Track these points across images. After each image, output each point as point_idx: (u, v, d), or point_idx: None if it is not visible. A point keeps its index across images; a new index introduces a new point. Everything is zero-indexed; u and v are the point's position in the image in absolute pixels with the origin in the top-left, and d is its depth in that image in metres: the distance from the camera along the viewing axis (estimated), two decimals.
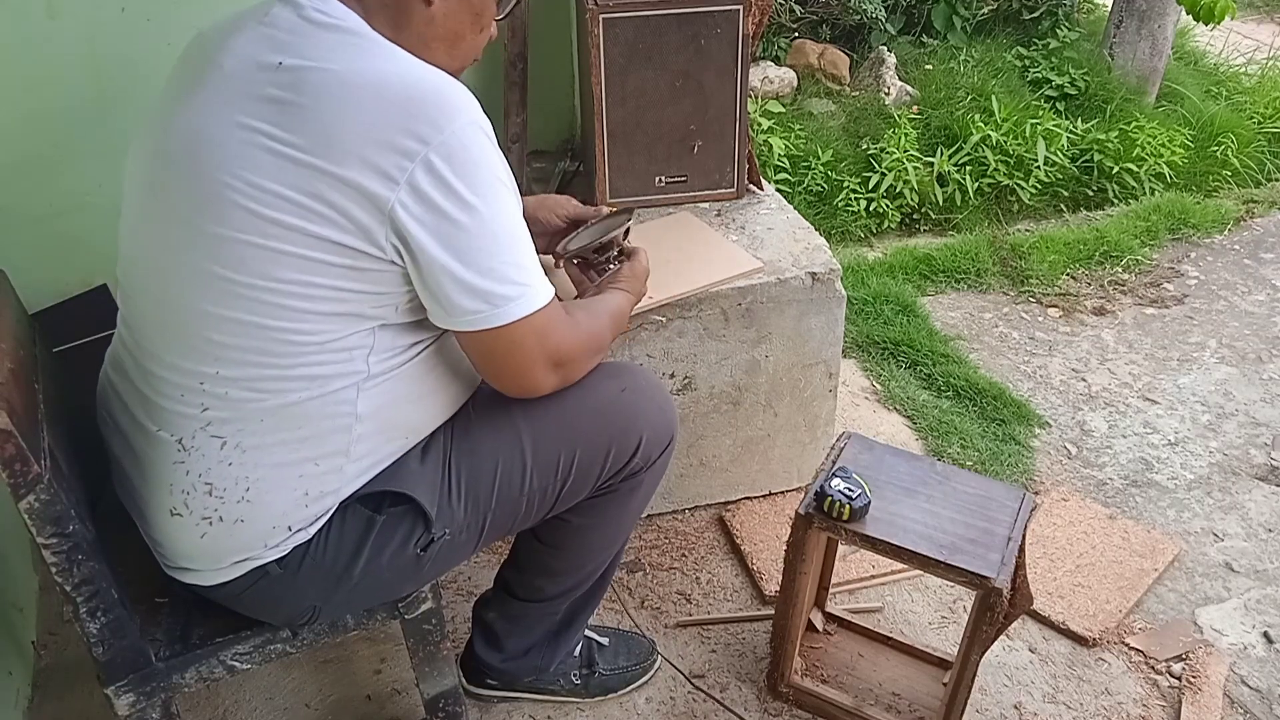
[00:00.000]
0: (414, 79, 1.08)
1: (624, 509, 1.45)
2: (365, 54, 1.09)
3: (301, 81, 1.06)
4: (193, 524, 1.15)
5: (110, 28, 1.77)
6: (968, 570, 1.38)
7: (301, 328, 1.10)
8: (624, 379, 1.39)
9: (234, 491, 1.14)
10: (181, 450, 1.14)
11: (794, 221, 2.03)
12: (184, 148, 1.10)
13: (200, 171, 1.08)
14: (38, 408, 1.13)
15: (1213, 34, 4.31)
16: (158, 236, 1.14)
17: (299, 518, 1.18)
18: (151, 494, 1.17)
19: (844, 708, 1.62)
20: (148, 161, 1.16)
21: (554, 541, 1.46)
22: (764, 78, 3.82)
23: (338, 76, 1.06)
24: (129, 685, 1.21)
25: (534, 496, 1.32)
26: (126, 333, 1.22)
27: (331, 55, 1.08)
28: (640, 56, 1.89)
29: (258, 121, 1.06)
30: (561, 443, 1.31)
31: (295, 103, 1.05)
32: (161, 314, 1.14)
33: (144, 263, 1.17)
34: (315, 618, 1.27)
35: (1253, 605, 1.91)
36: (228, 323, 1.09)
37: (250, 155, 1.06)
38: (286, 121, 1.05)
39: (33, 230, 1.83)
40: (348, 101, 1.05)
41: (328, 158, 1.04)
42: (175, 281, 1.12)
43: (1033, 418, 2.41)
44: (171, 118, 1.14)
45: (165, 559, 1.22)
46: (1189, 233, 3.30)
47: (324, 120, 1.05)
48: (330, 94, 1.05)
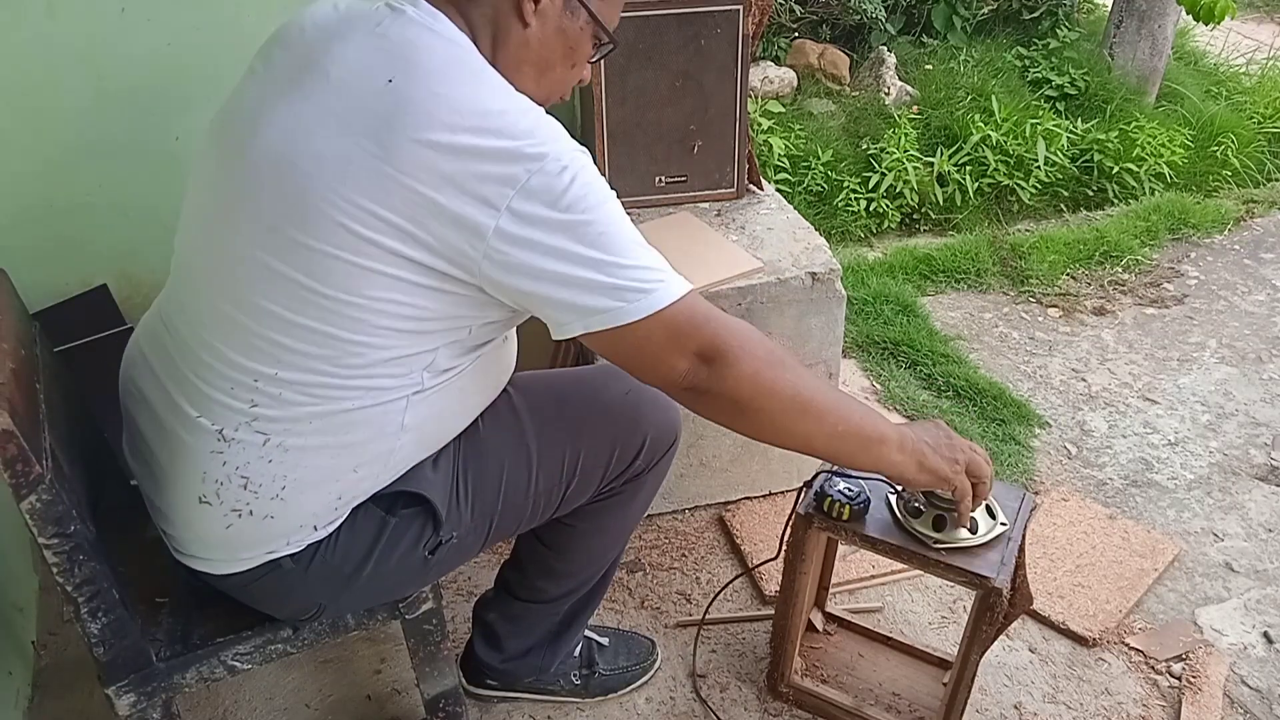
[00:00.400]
0: (515, 109, 1.06)
1: (627, 511, 1.45)
2: (471, 79, 1.07)
3: (408, 106, 1.03)
4: (220, 514, 1.14)
5: (110, 28, 1.77)
6: (968, 570, 1.38)
7: (373, 341, 1.08)
8: (628, 380, 1.38)
9: (269, 488, 1.13)
10: (221, 440, 1.12)
11: (794, 221, 2.03)
12: (280, 153, 1.07)
13: (297, 181, 1.05)
14: (39, 408, 1.13)
15: (1213, 34, 4.31)
16: (235, 233, 1.10)
17: (326, 519, 1.18)
18: (179, 477, 1.15)
19: (844, 708, 1.62)
20: (232, 156, 1.12)
21: (556, 543, 1.46)
22: (764, 78, 3.82)
23: (445, 101, 1.03)
24: (130, 685, 1.21)
25: (539, 498, 1.32)
26: (177, 314, 1.18)
27: (439, 77, 1.05)
28: (640, 56, 1.89)
29: (363, 139, 1.03)
30: (567, 445, 1.32)
31: (400, 125, 1.03)
32: (227, 308, 1.11)
33: (214, 256, 1.13)
34: (319, 614, 1.27)
35: (1253, 605, 1.91)
36: (299, 328, 1.07)
37: (351, 173, 1.03)
38: (390, 141, 1.02)
39: (33, 230, 1.83)
40: (451, 128, 1.02)
41: (426, 184, 1.02)
42: (249, 281, 1.09)
43: (1033, 418, 2.41)
44: (266, 116, 1.10)
45: (177, 545, 1.21)
46: (1189, 233, 3.30)
47: (426, 145, 1.02)
48: (435, 119, 1.03)
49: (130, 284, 1.93)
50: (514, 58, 1.14)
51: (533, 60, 1.16)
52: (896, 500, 1.46)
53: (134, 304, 1.91)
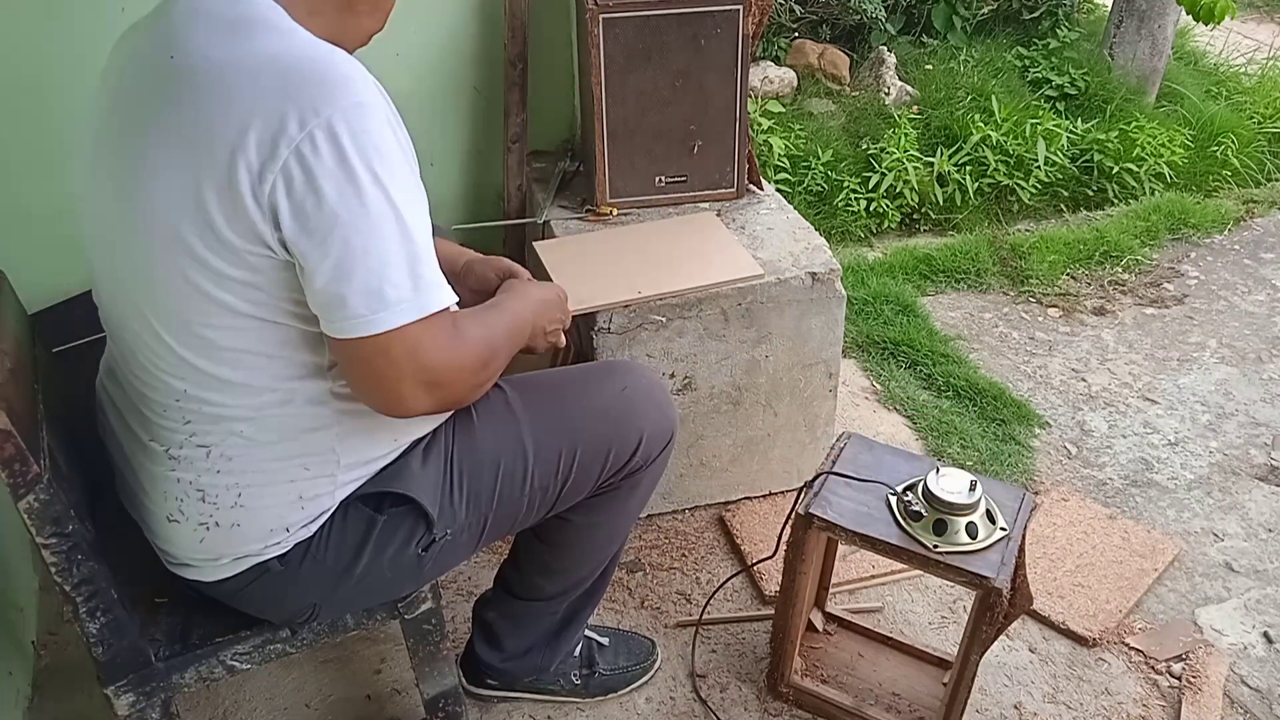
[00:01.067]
0: (296, 58, 1.00)
1: (624, 507, 1.45)
2: (250, 36, 1.01)
3: (185, 74, 1.01)
4: (190, 529, 1.16)
5: (110, 28, 1.75)
6: (968, 570, 1.38)
7: (238, 342, 1.07)
8: (624, 378, 1.40)
9: (226, 497, 1.14)
10: (171, 459, 1.14)
11: (794, 221, 2.02)
12: (105, 162, 1.09)
13: (118, 184, 1.06)
14: (37, 408, 1.13)
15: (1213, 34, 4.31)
16: (112, 266, 1.13)
17: (296, 519, 1.18)
18: (149, 500, 1.18)
19: (844, 708, 1.62)
20: (86, 178, 1.14)
21: (554, 540, 1.46)
22: (764, 78, 3.82)
23: (217, 64, 1.00)
24: (129, 685, 1.21)
25: (535, 496, 1.32)
26: (114, 350, 1.22)
27: (215, 42, 1.01)
28: (640, 56, 1.89)
29: (155, 129, 1.02)
30: (562, 442, 1.31)
31: (182, 99, 1.01)
32: (133, 341, 1.13)
33: (109, 293, 1.17)
34: (315, 616, 1.27)
35: (1253, 605, 1.91)
36: (171, 350, 1.08)
37: (150, 164, 1.02)
38: (175, 120, 1.00)
39: (33, 230, 1.83)
40: (225, 88, 0.99)
41: (210, 150, 0.98)
42: (136, 312, 1.10)
43: (1033, 418, 2.41)
44: (97, 129, 1.12)
45: (169, 558, 1.23)
46: (1189, 233, 3.30)
47: (206, 110, 0.99)
48: (209, 84, 0.99)
49: None
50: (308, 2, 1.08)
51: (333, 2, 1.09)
52: (897, 503, 1.46)
53: None
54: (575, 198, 2.11)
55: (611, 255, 1.89)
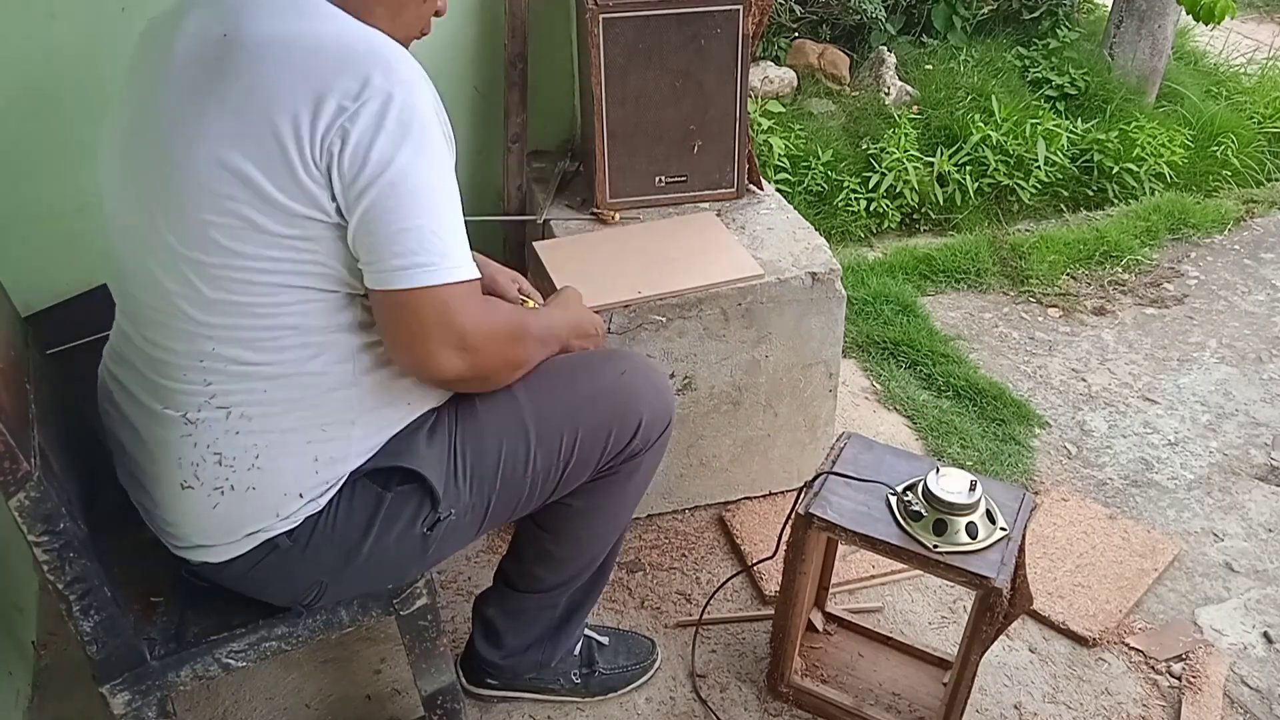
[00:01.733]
0: (351, 36, 1.09)
1: (624, 492, 1.46)
2: (303, 16, 1.10)
3: (240, 49, 1.08)
4: (204, 495, 1.16)
5: (110, 28, 1.77)
6: (968, 570, 1.38)
7: (277, 300, 1.11)
8: (623, 362, 1.42)
9: (244, 459, 1.15)
10: (188, 424, 1.15)
11: (794, 221, 2.02)
12: (150, 138, 1.13)
13: (165, 156, 1.10)
14: (28, 407, 1.13)
15: (1213, 34, 4.31)
16: (138, 227, 1.15)
17: (310, 485, 1.19)
18: (161, 472, 1.18)
19: (844, 708, 1.62)
20: (120, 159, 1.18)
21: (554, 527, 1.46)
22: (764, 78, 3.82)
23: (275, 39, 1.07)
24: (124, 684, 1.21)
25: (537, 478, 1.33)
26: (126, 323, 1.23)
27: (269, 20, 1.09)
28: (640, 56, 1.89)
29: (207, 98, 1.08)
30: (564, 424, 1.33)
31: (234, 70, 1.07)
32: (152, 300, 1.16)
33: (129, 254, 1.19)
34: (321, 596, 1.27)
35: (1253, 605, 1.90)
36: (211, 303, 1.11)
37: (202, 131, 1.07)
38: (229, 90, 1.07)
39: (32, 230, 1.83)
40: (283, 60, 1.06)
41: (267, 120, 1.05)
42: (157, 269, 1.14)
43: (1033, 418, 2.40)
44: (134, 113, 1.16)
45: (175, 540, 1.23)
46: (1189, 233, 3.30)
47: (260, 81, 1.06)
48: (266, 56, 1.07)
49: None
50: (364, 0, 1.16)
51: (385, 2, 1.17)
52: (897, 503, 1.46)
53: None
54: (575, 198, 2.11)
55: (611, 255, 1.89)
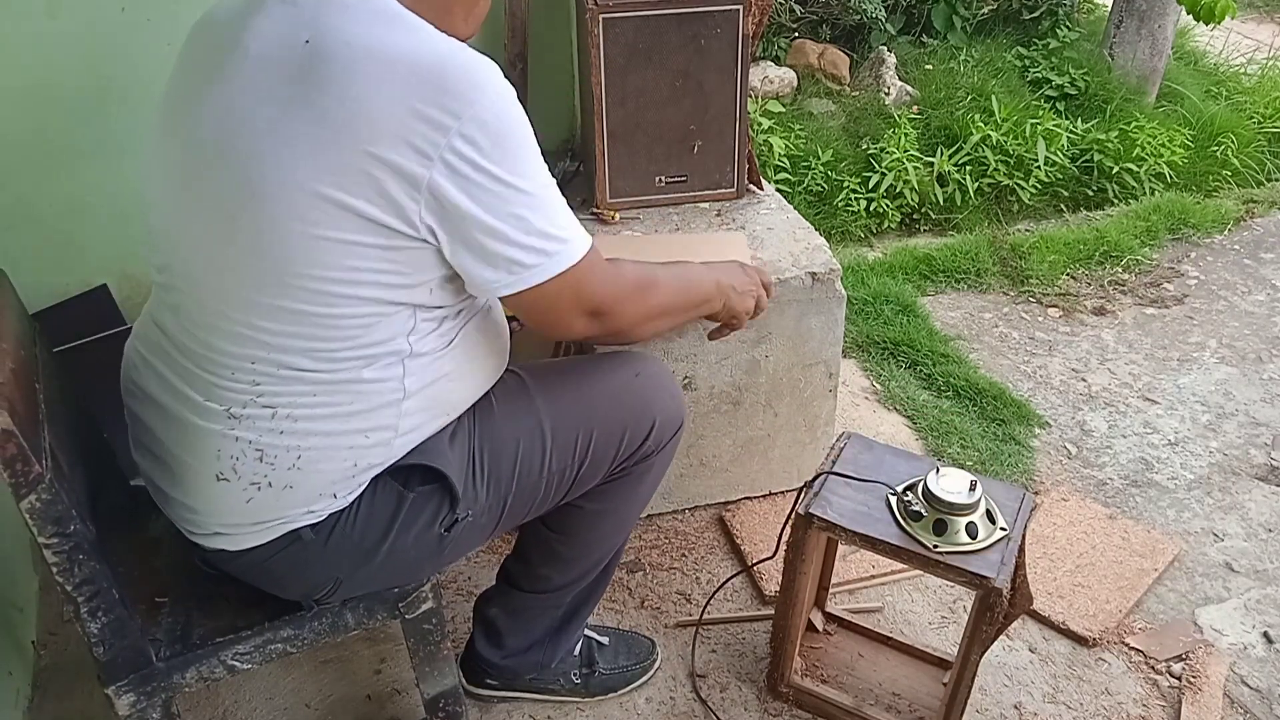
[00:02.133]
0: (442, 52, 1.08)
1: (634, 494, 1.46)
2: (389, 27, 1.08)
3: (330, 59, 1.05)
4: (240, 489, 1.16)
5: (110, 28, 1.77)
6: (968, 570, 1.38)
7: (345, 312, 1.11)
8: (637, 365, 1.43)
9: (285, 459, 1.15)
10: (231, 419, 1.14)
11: (794, 221, 2.03)
12: (219, 136, 1.10)
13: (238, 160, 1.08)
14: (39, 408, 1.13)
15: (1213, 34, 4.31)
16: (202, 227, 1.13)
17: (344, 487, 1.19)
18: (195, 460, 1.17)
19: (844, 708, 1.62)
20: (179, 151, 1.15)
21: (563, 528, 1.47)
22: (764, 78, 3.82)
23: (366, 52, 1.05)
24: (130, 685, 1.21)
25: (552, 479, 1.34)
26: (167, 316, 1.20)
27: (355, 30, 1.07)
28: (640, 56, 1.89)
29: (290, 103, 1.06)
30: (580, 425, 1.33)
31: (325, 81, 1.05)
32: (209, 301, 1.14)
33: (188, 252, 1.16)
34: (334, 591, 1.27)
35: (1253, 605, 1.91)
36: (275, 310, 1.10)
37: (284, 138, 1.05)
38: (318, 100, 1.05)
39: (33, 230, 1.83)
40: (378, 77, 1.04)
41: (361, 135, 1.04)
42: (221, 271, 1.12)
43: (1033, 418, 2.41)
44: (200, 105, 1.12)
45: (194, 526, 1.22)
46: (1189, 233, 3.30)
47: (356, 97, 1.04)
48: (360, 70, 1.05)
49: (130, 284, 1.93)
50: (444, 1, 1.16)
51: (464, 2, 1.18)
52: (897, 503, 1.46)
53: (134, 304, 1.91)
54: (575, 198, 2.11)
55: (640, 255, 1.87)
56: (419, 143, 1.04)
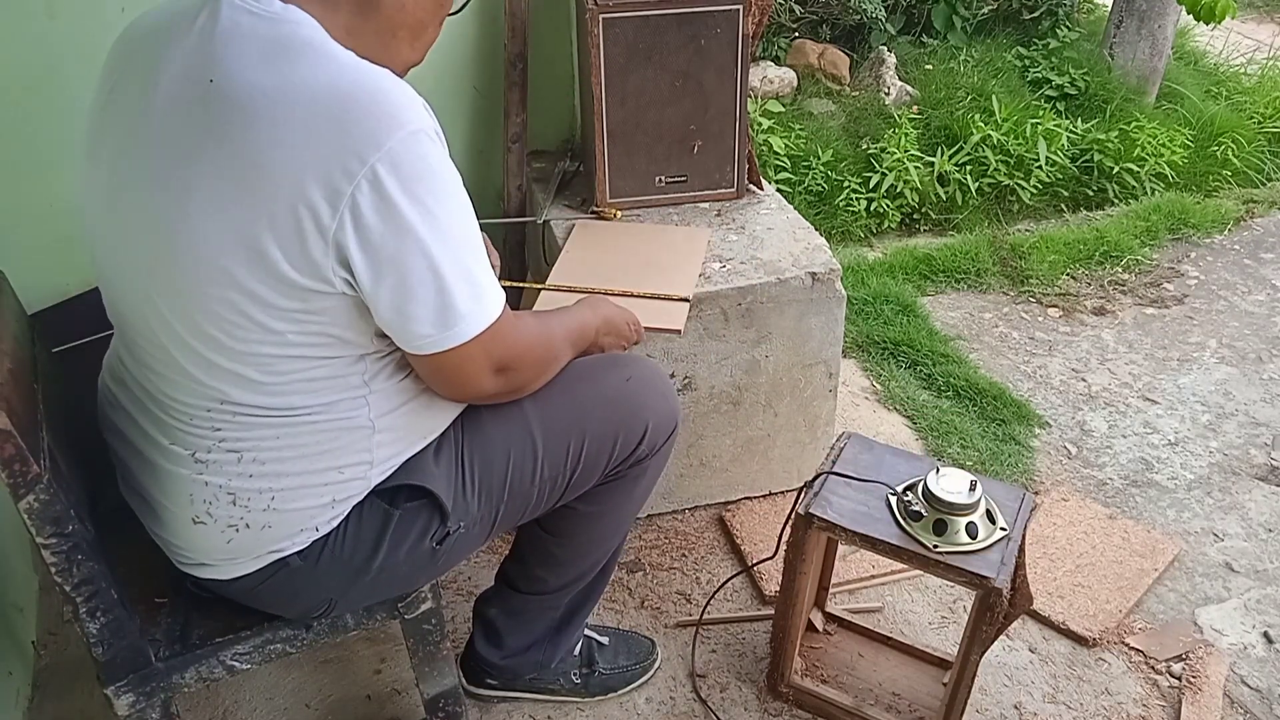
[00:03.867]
0: (347, 88, 0.99)
1: (629, 496, 1.46)
2: (294, 62, 1.00)
3: (231, 106, 0.99)
4: (218, 530, 1.15)
5: (110, 28, 1.74)
6: (968, 570, 1.38)
7: (285, 368, 1.07)
8: (628, 369, 1.41)
9: (258, 501, 1.13)
10: (198, 463, 1.12)
11: (794, 221, 2.02)
12: (137, 192, 1.05)
13: (155, 220, 1.03)
14: (37, 408, 1.13)
15: (1213, 34, 4.32)
16: (129, 281, 1.11)
17: (326, 517, 1.18)
18: (170, 503, 1.16)
19: (844, 708, 1.62)
20: (104, 203, 1.10)
21: (560, 530, 1.46)
22: (764, 78, 3.82)
23: (265, 95, 0.98)
24: (129, 685, 1.21)
25: (545, 485, 1.33)
26: (126, 355, 1.19)
27: (257, 70, 0.99)
28: (640, 56, 1.89)
29: (197, 160, 1.00)
30: (571, 431, 1.32)
31: (228, 133, 0.98)
32: (150, 349, 1.12)
33: (127, 303, 1.13)
34: (330, 611, 1.27)
35: (1253, 605, 1.91)
36: (214, 367, 1.07)
37: (194, 199, 1.00)
38: (222, 156, 0.99)
39: (33, 230, 1.83)
40: (280, 124, 0.97)
41: (266, 190, 0.98)
42: (155, 325, 1.09)
43: (1033, 418, 2.41)
44: (119, 147, 1.08)
45: (183, 558, 1.21)
46: (1189, 233, 3.30)
47: (258, 146, 0.97)
48: (261, 118, 0.97)
49: None
50: (388, 23, 1.09)
51: (409, 24, 1.11)
52: (897, 503, 1.46)
53: None
54: (575, 198, 2.11)
55: (611, 248, 1.90)
56: (325, 191, 0.97)
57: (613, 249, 1.91)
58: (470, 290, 1.07)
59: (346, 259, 1.01)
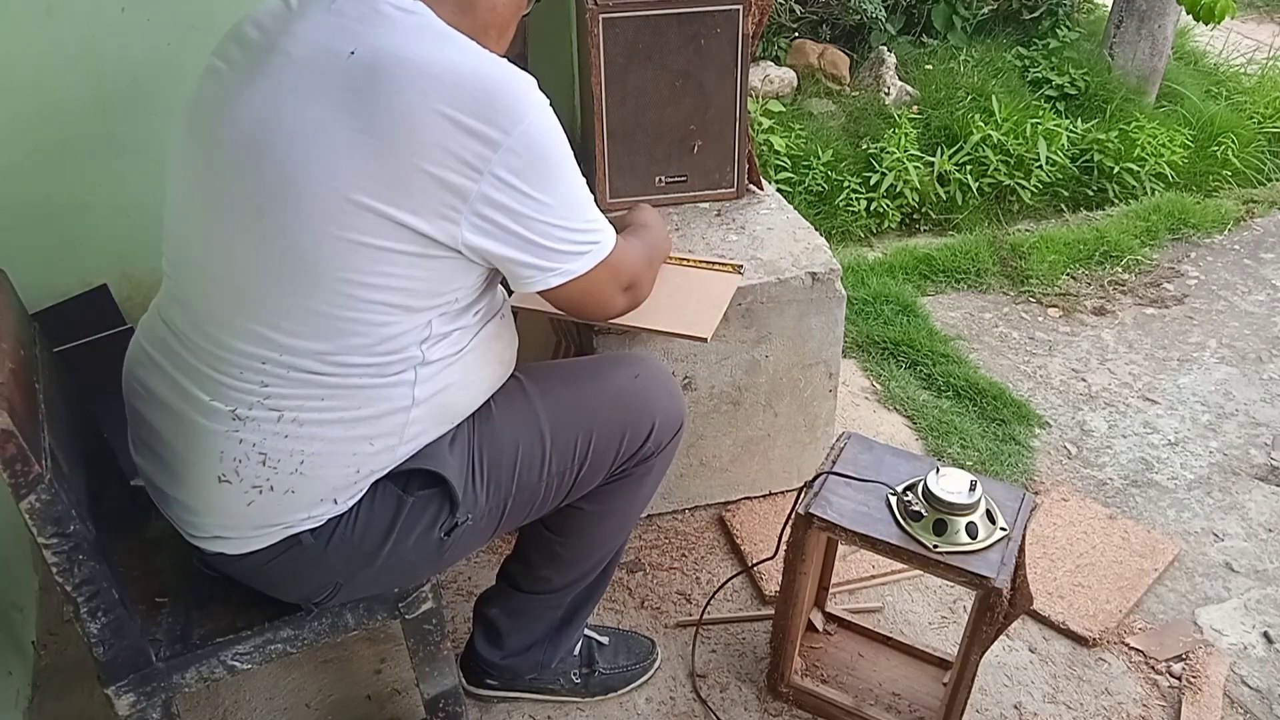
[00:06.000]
0: (487, 69, 1.10)
1: (634, 495, 1.46)
2: (437, 43, 1.10)
3: (377, 71, 1.06)
4: (240, 491, 1.16)
5: (110, 28, 1.77)
6: (968, 570, 1.38)
7: (367, 316, 1.11)
8: (636, 366, 1.43)
9: (288, 463, 1.15)
10: (236, 420, 1.14)
11: (794, 221, 2.03)
12: (254, 136, 1.10)
13: (274, 162, 1.08)
14: (38, 408, 1.13)
15: (1213, 34, 4.31)
16: (224, 223, 1.13)
17: (346, 492, 1.20)
18: (197, 460, 1.17)
19: (844, 708, 1.62)
20: (208, 150, 1.14)
21: (564, 530, 1.47)
22: (764, 77, 3.83)
23: (414, 65, 1.07)
24: (129, 685, 1.21)
25: (552, 481, 1.34)
26: (177, 312, 1.20)
27: (404, 44, 1.08)
28: (640, 56, 1.89)
29: (334, 111, 1.06)
30: (579, 428, 1.34)
31: (372, 92, 1.06)
32: (225, 297, 1.14)
33: (206, 247, 1.16)
34: (334, 595, 1.27)
35: (1253, 605, 1.91)
36: (295, 311, 1.10)
37: (328, 145, 1.06)
38: (364, 111, 1.06)
39: (33, 230, 1.83)
40: (426, 91, 1.06)
41: (407, 148, 1.05)
42: (245, 268, 1.12)
43: (1033, 418, 2.41)
44: (234, 105, 1.12)
45: (193, 529, 1.22)
46: (1189, 233, 3.30)
47: (404, 109, 1.05)
48: (408, 83, 1.06)
49: (130, 284, 1.93)
50: (481, 22, 1.18)
51: (498, 23, 1.22)
52: (897, 503, 1.46)
53: (134, 304, 1.90)
54: None
55: None
56: (467, 156, 1.07)
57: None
58: (589, 231, 1.21)
59: (481, 217, 1.10)
